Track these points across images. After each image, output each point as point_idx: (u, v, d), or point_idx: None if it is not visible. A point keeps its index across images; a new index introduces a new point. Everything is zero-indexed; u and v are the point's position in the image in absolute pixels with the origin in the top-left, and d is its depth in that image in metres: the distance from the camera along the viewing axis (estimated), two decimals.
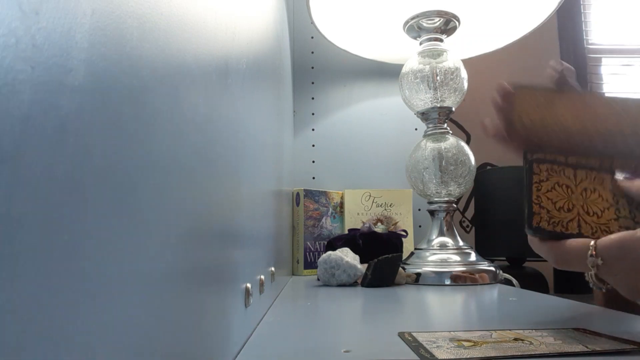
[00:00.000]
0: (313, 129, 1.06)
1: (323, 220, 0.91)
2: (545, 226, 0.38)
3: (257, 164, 0.39)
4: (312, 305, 0.50)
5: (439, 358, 0.26)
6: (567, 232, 0.37)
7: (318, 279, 0.69)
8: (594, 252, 0.34)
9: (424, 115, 0.81)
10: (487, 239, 1.24)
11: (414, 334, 0.33)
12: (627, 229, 0.37)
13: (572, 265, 0.36)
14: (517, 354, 0.27)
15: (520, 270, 1.24)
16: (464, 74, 0.80)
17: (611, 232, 0.36)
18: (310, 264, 0.87)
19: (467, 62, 0.83)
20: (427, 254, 0.75)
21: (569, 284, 1.25)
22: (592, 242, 0.34)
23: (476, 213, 0.97)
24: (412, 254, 0.79)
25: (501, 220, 1.06)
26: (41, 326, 0.09)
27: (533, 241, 0.40)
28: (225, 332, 0.25)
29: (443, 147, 0.78)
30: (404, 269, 0.72)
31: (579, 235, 0.37)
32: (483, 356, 0.27)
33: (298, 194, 0.89)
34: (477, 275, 0.71)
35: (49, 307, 0.09)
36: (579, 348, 0.28)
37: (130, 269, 0.13)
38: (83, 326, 0.10)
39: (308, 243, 0.88)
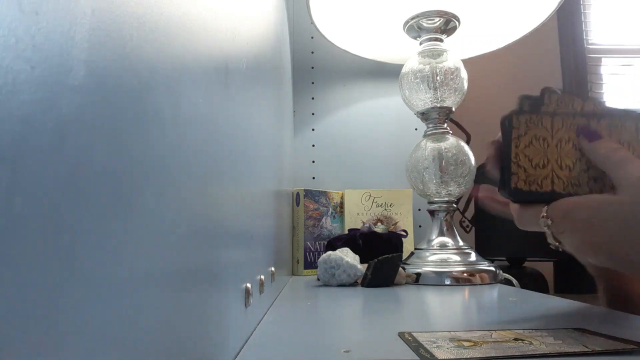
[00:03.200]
0: (313, 129, 1.06)
1: (323, 220, 0.91)
2: (522, 186, 0.39)
3: (257, 164, 0.39)
4: (312, 305, 0.50)
5: (439, 358, 0.26)
6: (541, 190, 0.39)
7: (318, 279, 0.69)
8: (545, 213, 0.38)
9: (424, 115, 0.81)
10: (487, 239, 1.24)
11: (414, 334, 0.33)
12: (595, 180, 0.39)
13: (531, 226, 0.40)
14: (517, 354, 0.27)
15: (520, 270, 1.24)
16: (464, 74, 0.80)
17: (581, 187, 0.39)
18: (310, 264, 0.87)
19: (467, 62, 0.83)
20: (427, 254, 0.75)
21: (569, 284, 1.25)
22: (545, 206, 0.38)
23: (476, 213, 0.98)
24: (412, 254, 0.79)
25: (501, 220, 1.06)
26: (41, 326, 0.09)
27: (500, 204, 0.43)
28: (225, 332, 0.25)
29: (443, 147, 0.78)
30: (404, 269, 0.72)
31: (552, 192, 0.39)
32: (483, 356, 0.27)
33: (298, 194, 0.89)
34: (477, 275, 0.71)
35: (49, 307, 0.09)
36: (579, 348, 0.28)
37: (130, 269, 0.13)
38: (83, 326, 0.10)
39: (308, 243, 0.88)
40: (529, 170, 0.39)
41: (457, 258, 0.73)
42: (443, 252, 0.75)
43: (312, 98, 1.07)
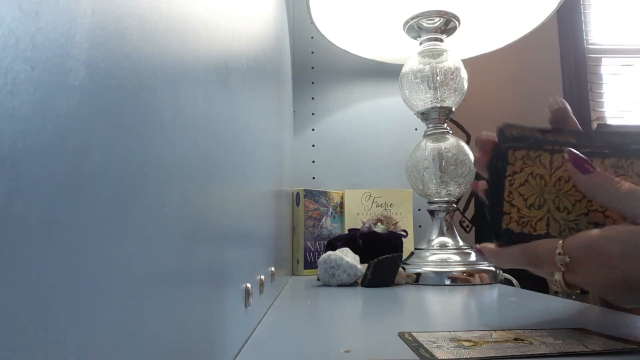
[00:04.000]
0: (313, 129, 1.06)
1: (323, 220, 0.91)
2: (514, 227, 0.36)
3: (257, 164, 0.39)
4: (312, 305, 0.50)
5: (439, 358, 0.26)
6: (535, 233, 0.36)
7: (318, 279, 0.69)
8: (562, 250, 0.34)
9: (424, 115, 0.81)
10: (487, 239, 1.24)
11: (414, 334, 0.33)
12: (596, 225, 0.35)
13: (542, 265, 0.36)
14: (517, 354, 0.27)
15: (520, 270, 1.23)
16: (464, 74, 0.80)
17: (579, 230, 0.36)
18: (310, 264, 0.87)
19: (467, 62, 0.83)
20: (427, 254, 0.75)
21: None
22: (560, 241, 0.34)
23: (476, 213, 0.97)
24: (412, 254, 0.79)
25: None
26: (41, 326, 0.09)
27: (501, 253, 0.39)
28: (225, 332, 0.25)
29: (443, 147, 0.78)
30: (404, 269, 0.72)
31: (547, 235, 0.36)
32: (483, 356, 0.27)
33: (298, 194, 0.89)
34: (476, 276, 0.71)
35: (49, 307, 0.09)
36: (579, 348, 0.28)
37: (129, 269, 0.13)
38: (82, 326, 0.10)
39: (308, 243, 0.88)
40: (522, 211, 0.36)
41: (457, 258, 0.73)
42: (443, 252, 0.75)
43: (312, 98, 1.07)
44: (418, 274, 0.72)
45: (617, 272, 0.31)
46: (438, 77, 0.78)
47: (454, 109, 0.81)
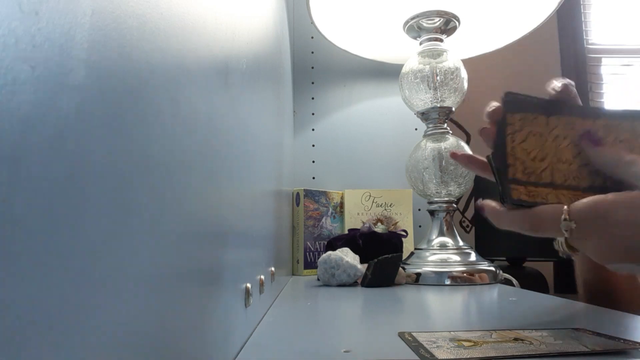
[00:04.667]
0: (313, 129, 1.06)
1: (323, 220, 0.91)
2: (520, 177, 0.37)
3: (257, 164, 0.39)
4: (312, 305, 0.50)
5: (439, 358, 0.26)
6: (541, 181, 0.37)
7: (318, 279, 0.69)
8: (567, 216, 0.34)
9: (424, 115, 0.81)
10: (487, 239, 1.24)
11: (414, 334, 0.33)
12: (597, 173, 0.37)
13: (544, 230, 0.36)
14: (517, 354, 0.27)
15: (520, 270, 1.24)
16: (464, 74, 0.80)
17: (582, 179, 0.37)
18: (310, 264, 0.87)
19: (467, 62, 0.83)
20: (427, 254, 0.75)
21: (569, 284, 1.25)
22: (565, 207, 0.34)
23: (476, 213, 0.97)
24: (412, 254, 0.79)
25: None
26: (41, 326, 0.09)
27: (502, 214, 0.39)
28: (225, 332, 0.25)
29: (443, 147, 0.78)
30: (404, 269, 0.72)
31: (551, 184, 0.37)
32: (483, 356, 0.27)
33: (298, 194, 0.89)
34: (476, 275, 0.71)
35: (49, 307, 0.09)
36: (579, 348, 0.28)
37: (130, 269, 0.13)
38: (83, 326, 0.10)
39: (308, 243, 0.88)
40: (526, 163, 0.38)
41: (457, 258, 0.73)
42: (443, 252, 0.75)
43: (312, 98, 1.07)
44: (418, 274, 0.72)
45: (622, 240, 0.31)
46: (438, 77, 0.78)
47: (454, 109, 0.81)
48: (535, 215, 0.36)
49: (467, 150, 0.79)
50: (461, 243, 0.77)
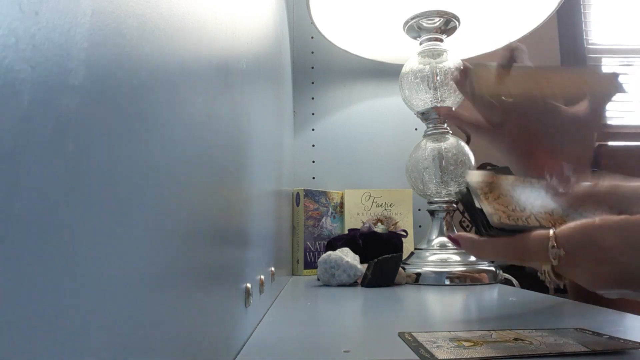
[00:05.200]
0: (313, 129, 1.06)
1: (323, 220, 0.91)
2: (506, 222, 0.37)
3: (257, 164, 0.39)
4: (312, 305, 0.50)
5: (439, 358, 0.26)
6: (530, 225, 0.36)
7: (318, 279, 0.69)
8: (555, 243, 0.32)
9: (424, 115, 0.81)
10: None
11: (414, 334, 0.33)
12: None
13: (531, 259, 0.34)
14: (517, 354, 0.27)
15: (520, 270, 1.24)
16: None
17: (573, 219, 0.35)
18: (310, 264, 0.87)
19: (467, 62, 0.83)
20: (427, 254, 0.75)
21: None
22: (551, 233, 0.33)
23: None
24: (412, 254, 0.79)
25: None
26: (41, 326, 0.09)
27: (482, 244, 0.38)
28: (225, 332, 0.25)
29: (443, 147, 0.78)
30: (404, 269, 0.72)
31: (542, 228, 0.35)
32: (483, 356, 0.27)
33: (298, 194, 0.89)
34: (476, 275, 0.71)
35: (49, 307, 0.09)
36: (579, 348, 0.28)
37: (129, 269, 0.13)
38: (83, 326, 0.10)
39: (308, 243, 0.88)
40: (508, 212, 0.37)
41: (457, 258, 0.73)
42: (443, 252, 0.75)
43: (312, 98, 1.07)
44: (418, 274, 0.72)
45: (613, 266, 0.30)
46: (438, 77, 0.78)
47: (454, 109, 0.81)
48: (520, 243, 0.35)
49: (467, 150, 0.79)
50: None
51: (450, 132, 0.81)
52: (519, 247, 0.35)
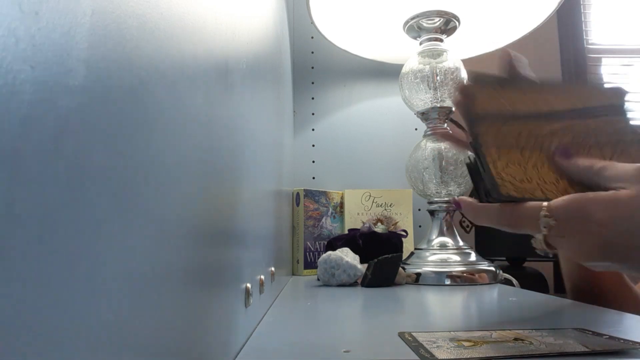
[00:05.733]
0: (313, 129, 1.06)
1: (323, 220, 0.91)
2: (514, 194, 0.38)
3: (257, 164, 0.39)
4: (312, 305, 0.50)
5: (439, 358, 0.26)
6: (535, 197, 0.37)
7: (318, 279, 0.69)
8: (547, 212, 0.34)
9: (424, 115, 0.81)
10: (487, 239, 1.24)
11: (414, 334, 0.33)
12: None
13: (523, 226, 0.36)
14: (517, 354, 0.27)
15: (520, 270, 1.24)
16: (464, 74, 0.80)
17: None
18: (310, 264, 0.87)
19: (467, 62, 0.83)
20: (427, 254, 0.75)
21: None
22: (545, 203, 0.34)
23: None
24: (412, 254, 0.79)
25: None
26: (41, 326, 0.09)
27: (480, 209, 0.39)
28: (225, 332, 0.25)
29: (443, 147, 0.78)
30: (404, 269, 0.72)
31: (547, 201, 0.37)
32: (483, 356, 0.27)
33: (298, 194, 0.89)
34: (476, 275, 0.71)
35: (49, 307, 0.09)
36: (579, 348, 0.28)
37: (129, 269, 0.13)
38: (83, 326, 0.10)
39: (308, 243, 0.88)
40: (515, 184, 0.38)
41: (457, 258, 0.73)
42: (443, 252, 0.75)
43: (312, 98, 1.07)
44: (418, 274, 0.72)
45: (599, 238, 0.32)
46: (438, 77, 0.78)
47: (454, 109, 0.81)
48: (515, 211, 0.36)
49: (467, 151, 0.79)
50: (461, 243, 0.77)
51: (451, 132, 0.81)
52: (514, 214, 0.36)
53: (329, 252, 0.68)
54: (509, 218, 0.37)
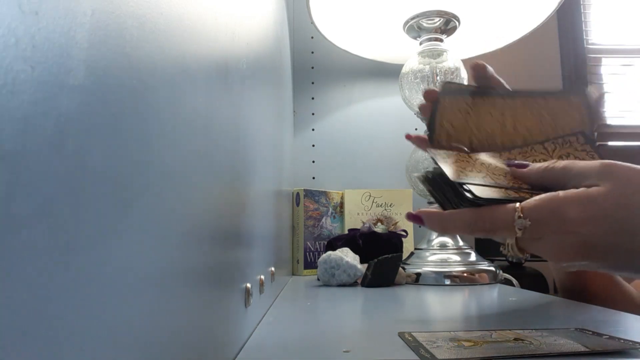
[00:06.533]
0: (313, 129, 1.06)
1: (323, 220, 0.91)
2: (443, 142, 0.42)
3: (257, 164, 0.39)
4: (312, 305, 0.50)
5: (439, 358, 0.26)
6: (510, 197, 0.36)
7: (318, 279, 0.69)
8: (521, 213, 0.33)
9: None
10: (487, 239, 1.23)
11: (414, 334, 0.33)
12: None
13: (497, 229, 0.35)
14: (517, 354, 0.27)
15: (520, 270, 1.24)
16: (464, 74, 0.80)
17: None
18: (310, 264, 0.87)
19: (467, 62, 0.83)
20: (427, 254, 0.75)
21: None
22: (517, 205, 0.34)
23: None
24: (412, 254, 0.79)
25: None
26: (41, 326, 0.09)
27: (449, 218, 0.37)
28: (225, 332, 0.25)
29: None
30: (404, 269, 0.72)
31: (520, 200, 0.36)
32: (483, 356, 0.27)
33: (298, 194, 0.89)
34: (476, 275, 0.71)
35: (49, 307, 0.09)
36: (579, 348, 0.28)
37: (130, 269, 0.13)
38: (83, 326, 0.10)
39: (308, 243, 0.88)
40: (450, 131, 0.41)
41: (457, 258, 0.73)
42: (443, 252, 0.75)
43: (312, 98, 1.07)
44: (418, 274, 0.72)
45: (576, 237, 0.32)
46: (438, 77, 0.78)
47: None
48: (488, 215, 0.35)
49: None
50: (461, 243, 0.77)
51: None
52: (486, 218, 0.35)
53: (329, 252, 0.68)
54: (482, 222, 0.35)
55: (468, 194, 0.36)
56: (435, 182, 0.40)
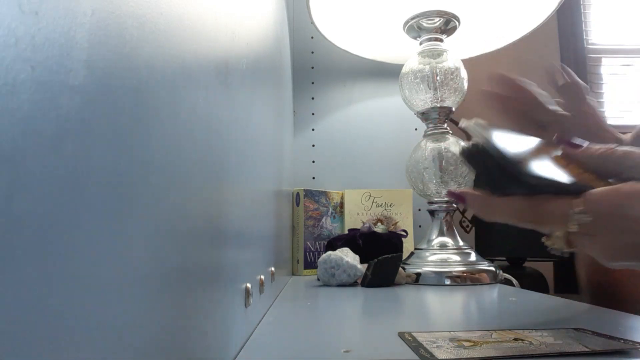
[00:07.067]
0: (313, 129, 1.06)
1: (323, 220, 0.91)
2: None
3: (257, 164, 0.39)
4: (312, 305, 0.50)
5: (439, 358, 0.26)
6: (570, 182, 0.32)
7: (318, 279, 0.69)
8: (582, 208, 0.29)
9: (424, 115, 0.81)
10: (487, 239, 1.24)
11: (414, 334, 0.33)
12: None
13: (550, 223, 0.32)
14: (517, 354, 0.27)
15: (520, 270, 1.24)
16: (464, 74, 0.80)
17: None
18: (310, 264, 0.87)
19: (467, 62, 0.83)
20: (427, 254, 0.75)
21: (569, 284, 1.26)
22: (580, 198, 0.30)
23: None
24: (412, 254, 0.79)
25: None
26: (41, 326, 0.09)
27: (495, 204, 0.33)
28: (225, 332, 0.25)
29: (443, 147, 0.78)
30: (404, 269, 0.72)
31: (579, 184, 0.32)
32: (483, 356, 0.27)
33: (298, 194, 0.89)
34: (476, 275, 0.71)
35: (49, 307, 0.09)
36: (579, 348, 0.28)
37: (129, 269, 0.13)
38: (82, 326, 0.10)
39: (308, 243, 0.88)
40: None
41: (457, 258, 0.73)
42: (443, 252, 0.75)
43: (312, 98, 1.07)
44: (418, 274, 0.72)
45: (634, 237, 0.29)
46: (438, 77, 0.78)
47: (454, 109, 0.81)
48: (541, 205, 0.32)
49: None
50: (461, 243, 0.77)
51: (451, 132, 0.81)
52: (539, 208, 0.32)
53: (329, 252, 0.68)
54: (533, 213, 0.32)
55: (532, 169, 0.31)
56: (477, 159, 0.34)
